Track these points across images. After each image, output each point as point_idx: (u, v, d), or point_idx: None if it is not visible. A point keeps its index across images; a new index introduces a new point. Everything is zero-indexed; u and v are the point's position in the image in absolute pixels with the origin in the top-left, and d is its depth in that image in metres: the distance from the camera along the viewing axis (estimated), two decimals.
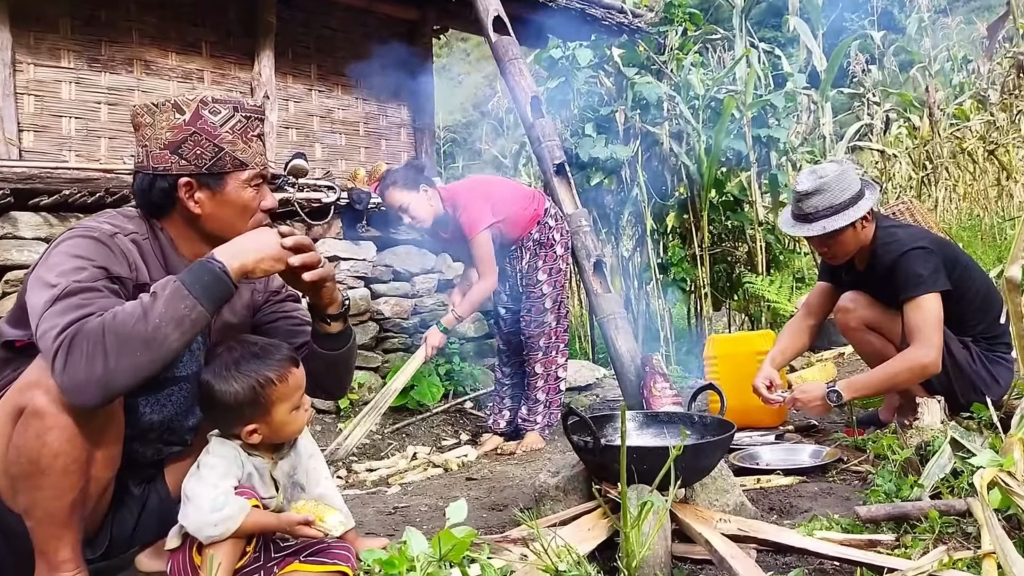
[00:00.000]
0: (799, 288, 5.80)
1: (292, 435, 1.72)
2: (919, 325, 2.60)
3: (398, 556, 1.23)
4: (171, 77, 4.55)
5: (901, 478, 2.07)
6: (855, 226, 2.72)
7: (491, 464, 3.45)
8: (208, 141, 1.67)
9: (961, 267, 2.76)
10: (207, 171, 1.68)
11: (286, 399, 1.65)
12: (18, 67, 4.03)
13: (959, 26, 10.39)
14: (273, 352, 1.68)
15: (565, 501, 2.02)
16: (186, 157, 1.67)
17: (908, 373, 2.62)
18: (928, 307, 2.60)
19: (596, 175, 5.67)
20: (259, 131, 1.77)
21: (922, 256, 2.64)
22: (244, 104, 1.74)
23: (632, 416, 2.16)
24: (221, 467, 1.61)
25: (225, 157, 1.69)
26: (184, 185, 1.68)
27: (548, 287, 3.72)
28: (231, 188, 1.71)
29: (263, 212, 1.78)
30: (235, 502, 1.56)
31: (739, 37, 6.35)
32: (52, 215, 3.72)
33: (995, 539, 1.32)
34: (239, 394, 1.60)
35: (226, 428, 1.66)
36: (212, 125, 1.67)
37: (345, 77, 5.36)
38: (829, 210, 2.71)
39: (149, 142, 1.68)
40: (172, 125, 1.66)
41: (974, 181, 7.85)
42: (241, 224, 1.74)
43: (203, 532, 1.54)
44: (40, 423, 1.48)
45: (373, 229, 4.76)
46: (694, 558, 1.72)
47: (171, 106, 1.66)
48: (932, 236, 2.83)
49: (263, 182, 1.77)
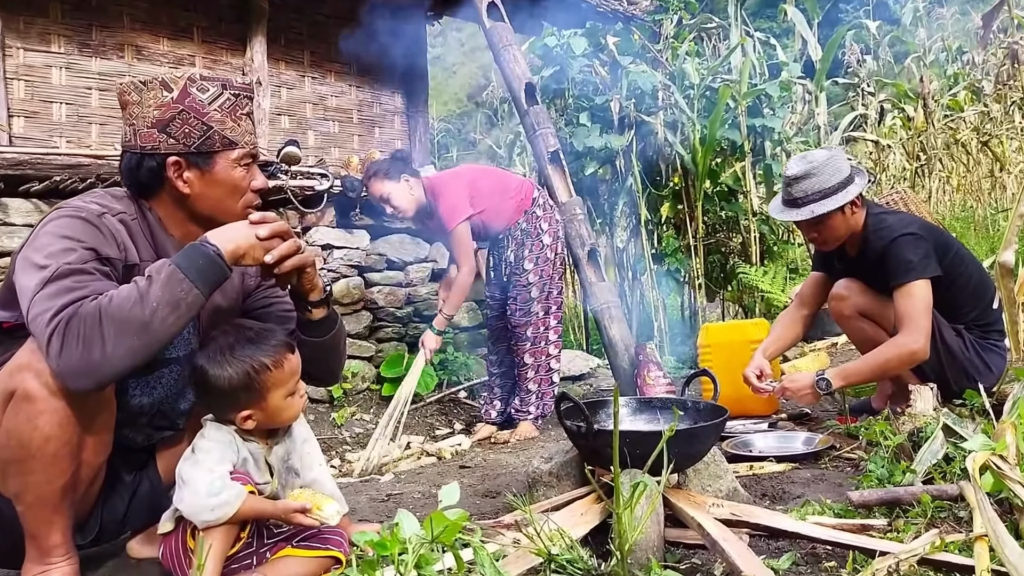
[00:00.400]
0: (793, 279, 5.80)
1: (287, 421, 1.71)
2: (908, 312, 2.60)
3: (390, 538, 1.23)
4: (162, 62, 4.51)
5: (893, 464, 2.08)
6: (844, 211, 2.72)
7: (484, 452, 3.44)
8: (196, 119, 1.64)
9: (952, 253, 2.76)
10: (196, 150, 1.65)
11: (281, 385, 1.64)
12: (8, 52, 4.00)
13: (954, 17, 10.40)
14: (268, 337, 1.66)
15: (558, 487, 2.02)
16: (174, 136, 1.64)
17: (897, 360, 2.63)
18: (917, 293, 2.60)
19: (591, 165, 5.65)
20: (248, 109, 1.74)
21: (912, 242, 2.64)
22: (233, 82, 1.71)
23: (625, 402, 2.16)
24: (216, 452, 1.60)
25: (214, 136, 1.66)
26: (172, 164, 1.65)
27: (534, 276, 3.71)
28: (220, 167, 1.69)
29: (253, 192, 1.76)
30: (232, 487, 1.55)
31: (734, 26, 6.32)
32: (43, 201, 3.70)
33: (987, 521, 1.32)
34: (233, 379, 1.59)
35: (220, 413, 1.65)
36: (200, 103, 1.65)
37: (338, 64, 5.33)
38: (818, 194, 2.70)
39: (136, 120, 1.65)
40: (160, 103, 1.63)
41: (968, 172, 7.86)
42: (231, 203, 1.72)
43: (199, 516, 1.53)
44: (31, 407, 1.47)
45: (366, 217, 4.74)
46: (687, 543, 1.72)
47: (158, 84, 1.63)
48: (922, 222, 2.83)
49: (253, 161, 1.74)
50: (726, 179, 6.17)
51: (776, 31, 9.26)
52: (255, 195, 1.76)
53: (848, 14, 11.08)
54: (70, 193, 3.70)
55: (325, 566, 1.62)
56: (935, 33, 9.58)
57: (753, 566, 1.40)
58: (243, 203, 1.74)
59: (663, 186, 6.05)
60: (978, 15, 8.53)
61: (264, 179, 1.79)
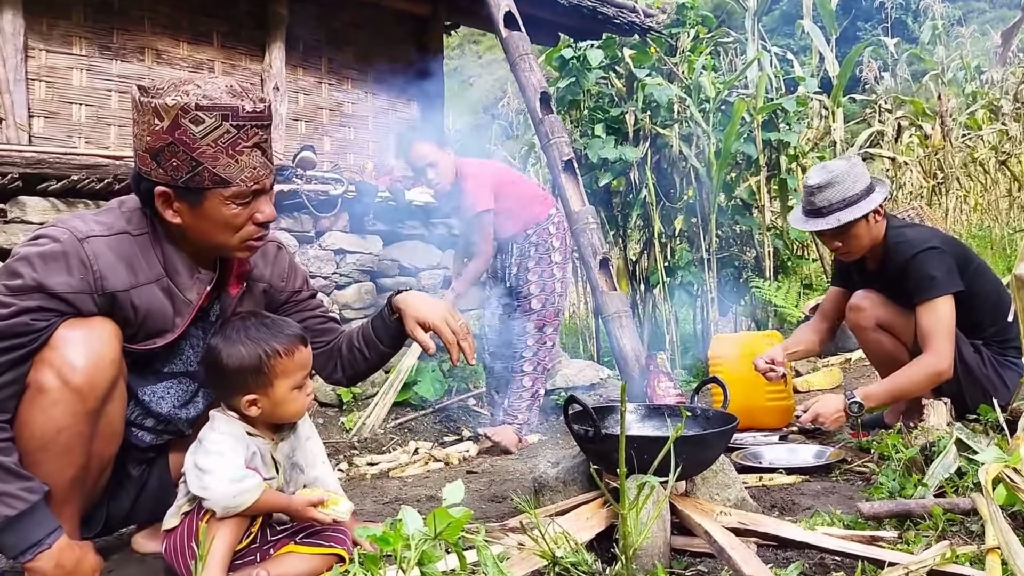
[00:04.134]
0: (807, 294, 5.77)
1: (291, 417, 1.71)
2: (932, 330, 2.57)
3: (393, 534, 1.22)
4: (182, 67, 4.56)
5: (905, 477, 2.05)
6: (868, 219, 2.70)
7: (492, 459, 3.43)
8: (186, 154, 1.51)
9: (973, 266, 2.74)
10: (183, 185, 1.55)
11: (290, 375, 1.64)
12: (30, 53, 4.05)
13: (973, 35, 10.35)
14: (284, 327, 1.68)
15: (565, 492, 2.00)
16: (163, 167, 1.53)
17: (924, 379, 2.59)
18: (941, 311, 2.58)
19: (605, 176, 5.65)
20: (256, 140, 1.57)
21: (935, 257, 2.62)
22: (240, 110, 1.53)
23: (634, 408, 2.15)
24: (231, 442, 1.60)
25: (203, 173, 1.53)
26: (160, 195, 1.57)
27: (536, 288, 3.72)
28: (210, 204, 1.57)
29: (256, 225, 1.65)
30: (252, 476, 1.57)
31: (751, 40, 6.32)
32: (60, 200, 3.73)
33: (999, 532, 1.29)
34: (244, 359, 1.60)
35: (228, 396, 1.65)
36: (191, 137, 1.50)
37: (355, 71, 5.37)
38: (842, 203, 2.68)
39: (135, 139, 1.57)
40: (152, 130, 1.52)
41: (985, 192, 7.80)
42: (224, 237, 1.63)
43: (221, 503, 1.53)
44: (44, 398, 1.48)
45: (380, 223, 4.76)
46: (693, 550, 1.70)
47: (151, 109, 1.50)
48: (942, 235, 2.80)
49: (254, 197, 1.61)
50: (740, 193, 6.15)
51: (794, 47, 9.26)
52: (258, 228, 1.65)
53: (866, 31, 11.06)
54: (87, 193, 3.74)
55: (328, 563, 1.62)
56: (953, 51, 9.54)
57: (760, 574, 1.38)
58: (240, 236, 1.64)
59: (677, 199, 6.04)
60: (997, 33, 8.49)
61: (272, 210, 1.67)
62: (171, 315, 1.66)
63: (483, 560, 1.29)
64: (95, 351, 1.52)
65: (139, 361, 1.67)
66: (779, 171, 6.03)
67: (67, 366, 1.48)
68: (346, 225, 4.64)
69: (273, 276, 1.89)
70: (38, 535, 1.45)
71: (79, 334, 1.51)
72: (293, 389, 1.65)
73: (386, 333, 1.94)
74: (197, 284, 1.69)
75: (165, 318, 1.65)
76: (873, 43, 8.63)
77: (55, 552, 1.46)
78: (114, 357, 1.56)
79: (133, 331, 1.62)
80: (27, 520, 1.44)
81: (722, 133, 5.63)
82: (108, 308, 1.56)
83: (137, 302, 1.59)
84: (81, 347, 1.50)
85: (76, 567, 1.50)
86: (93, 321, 1.54)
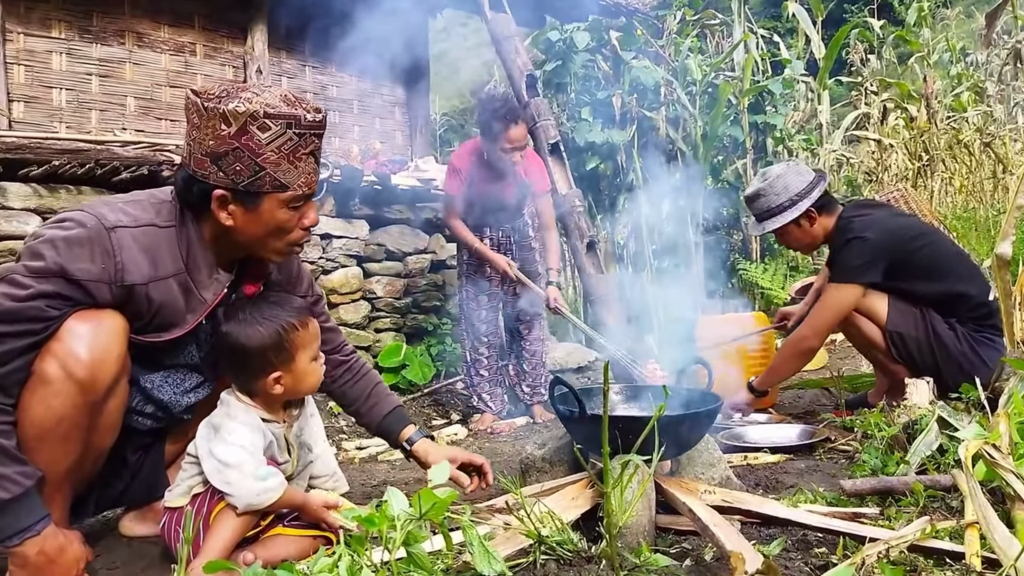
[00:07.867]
0: (792, 276, 5.80)
1: (311, 389, 1.73)
2: (818, 308, 2.84)
3: (379, 514, 1.22)
4: (163, 50, 4.51)
5: (887, 455, 2.07)
6: (799, 224, 2.89)
7: (480, 442, 3.45)
8: (250, 159, 1.56)
9: (924, 248, 2.79)
10: (244, 188, 1.59)
11: (307, 346, 1.66)
12: (8, 37, 3.99)
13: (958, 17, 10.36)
14: (291, 300, 1.71)
15: (551, 472, 2.02)
16: (224, 170, 1.57)
17: (792, 353, 2.92)
18: (837, 296, 2.78)
19: (592, 160, 5.65)
20: (313, 147, 1.64)
21: (859, 246, 2.75)
22: (302, 119, 1.59)
23: (619, 389, 2.16)
24: (250, 435, 1.60)
25: (265, 177, 1.58)
26: (218, 197, 1.60)
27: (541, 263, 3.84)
28: (266, 208, 1.62)
29: (303, 231, 1.71)
30: (276, 475, 1.58)
31: (738, 22, 6.31)
32: (42, 186, 3.69)
33: (978, 508, 1.31)
34: (265, 338, 1.61)
35: (250, 379, 1.65)
36: (257, 143, 1.56)
37: (339, 54, 5.32)
38: (767, 213, 2.93)
39: (193, 143, 1.59)
40: (217, 134, 1.55)
41: (970, 173, 7.83)
42: (273, 242, 1.68)
43: (244, 500, 1.54)
44: (46, 388, 1.48)
45: (365, 207, 4.74)
46: (678, 528, 1.72)
47: (219, 115, 1.54)
48: (888, 225, 2.81)
49: (304, 202, 1.68)
50: (727, 175, 6.16)
51: (780, 29, 9.25)
52: (305, 232, 1.71)
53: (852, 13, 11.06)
54: (69, 178, 3.70)
55: (315, 545, 1.62)
56: (939, 33, 9.56)
57: (743, 549, 1.39)
58: (286, 241, 1.69)
59: (664, 182, 6.05)
60: (982, 15, 8.50)
61: (316, 216, 1.73)
62: (183, 311, 1.66)
63: (469, 540, 1.29)
64: (101, 346, 1.52)
65: (143, 351, 1.67)
66: (766, 154, 6.05)
67: (72, 358, 1.48)
68: (332, 209, 4.62)
69: (284, 279, 1.91)
70: (27, 521, 1.45)
71: (87, 327, 1.51)
72: (312, 360, 1.68)
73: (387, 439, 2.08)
74: (215, 284, 1.70)
75: (177, 313, 1.65)
76: (859, 25, 8.62)
77: (41, 540, 1.46)
78: (120, 353, 1.56)
79: (143, 324, 1.62)
80: (18, 505, 1.44)
81: (708, 116, 5.64)
82: (123, 300, 1.56)
83: (153, 295, 1.59)
84: (88, 340, 1.50)
85: (59, 556, 1.49)
86: (102, 314, 1.54)
